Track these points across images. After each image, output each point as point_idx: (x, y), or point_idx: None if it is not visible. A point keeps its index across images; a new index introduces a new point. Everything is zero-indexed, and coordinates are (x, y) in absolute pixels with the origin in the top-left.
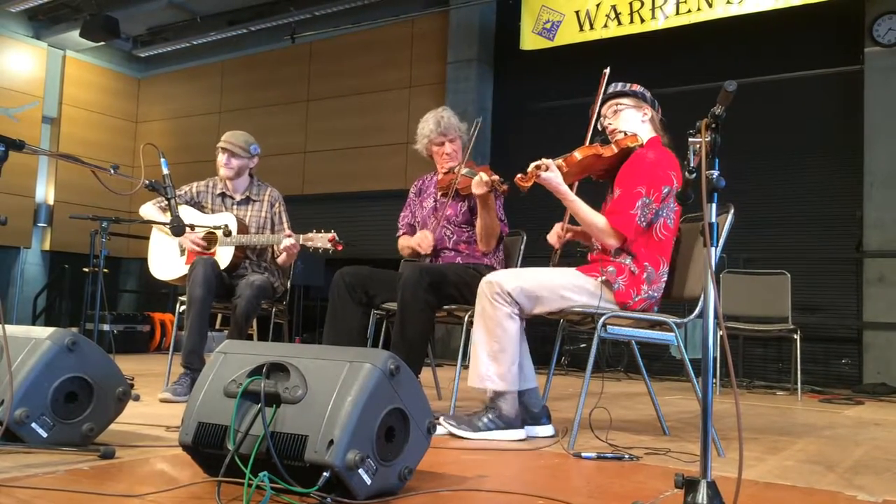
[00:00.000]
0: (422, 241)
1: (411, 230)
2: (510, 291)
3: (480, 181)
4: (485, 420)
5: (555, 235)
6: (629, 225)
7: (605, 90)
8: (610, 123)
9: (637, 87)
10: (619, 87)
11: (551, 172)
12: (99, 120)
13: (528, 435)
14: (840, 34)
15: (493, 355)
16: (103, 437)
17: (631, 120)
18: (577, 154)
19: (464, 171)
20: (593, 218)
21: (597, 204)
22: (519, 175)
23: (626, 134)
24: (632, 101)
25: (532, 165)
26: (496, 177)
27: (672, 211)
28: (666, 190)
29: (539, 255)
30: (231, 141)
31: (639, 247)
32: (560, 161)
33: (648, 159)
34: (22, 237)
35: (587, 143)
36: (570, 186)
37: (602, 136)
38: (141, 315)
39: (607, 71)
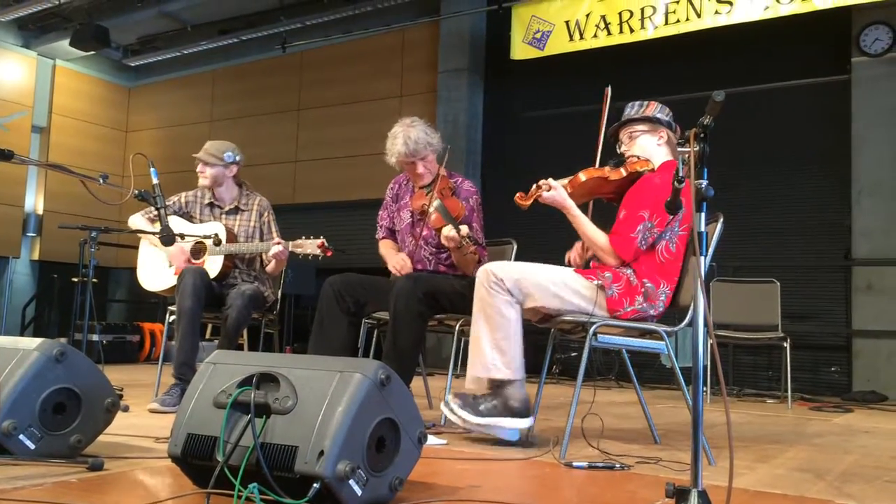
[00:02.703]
0: (402, 266)
1: (390, 234)
2: (503, 279)
3: (448, 236)
4: (489, 405)
5: (576, 256)
6: (628, 247)
7: (623, 112)
8: (626, 150)
9: (651, 110)
10: (633, 111)
11: (554, 192)
12: (89, 129)
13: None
14: (827, 44)
15: (497, 344)
16: (92, 448)
17: (646, 145)
18: (582, 176)
19: (435, 203)
20: (595, 236)
21: (607, 222)
22: (519, 194)
23: (638, 158)
24: (647, 125)
25: (534, 186)
26: (465, 231)
27: (676, 235)
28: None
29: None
30: (205, 149)
31: (639, 265)
32: (565, 182)
33: (655, 184)
34: (11, 247)
35: (597, 164)
36: (583, 207)
37: (618, 159)
38: (130, 325)
39: (608, 90)
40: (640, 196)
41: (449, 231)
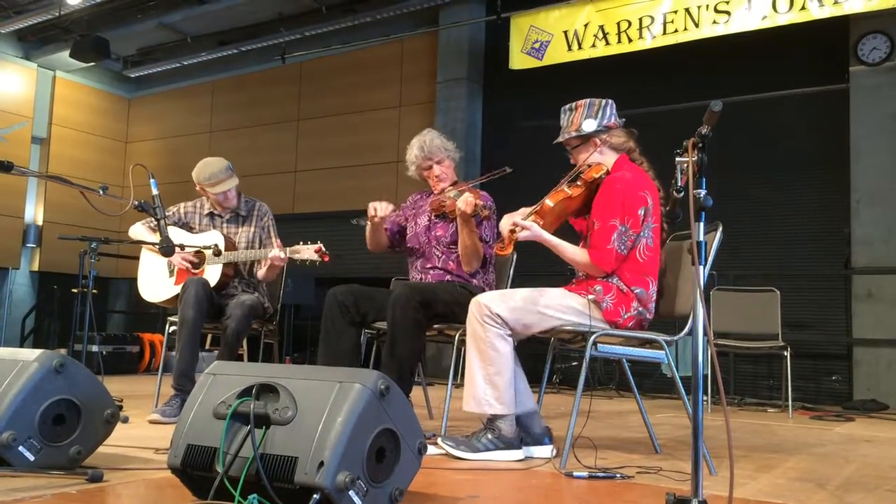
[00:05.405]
0: (376, 205)
1: (392, 226)
2: (499, 313)
3: (466, 199)
4: (484, 441)
5: (507, 229)
6: (608, 258)
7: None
8: (579, 166)
9: (578, 120)
10: (563, 123)
11: (527, 231)
12: (88, 140)
13: (528, 455)
14: (826, 53)
15: (489, 379)
16: (91, 459)
17: (589, 154)
18: (549, 202)
19: (452, 193)
20: (577, 256)
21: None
22: (497, 245)
23: (590, 166)
24: (577, 141)
25: (506, 230)
26: (481, 202)
27: (650, 228)
28: (642, 211)
29: (531, 275)
30: (212, 175)
31: (623, 272)
32: (534, 216)
33: (617, 188)
34: (10, 258)
35: (562, 185)
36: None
37: (573, 174)
38: (130, 335)
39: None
40: (607, 205)
41: (467, 196)
